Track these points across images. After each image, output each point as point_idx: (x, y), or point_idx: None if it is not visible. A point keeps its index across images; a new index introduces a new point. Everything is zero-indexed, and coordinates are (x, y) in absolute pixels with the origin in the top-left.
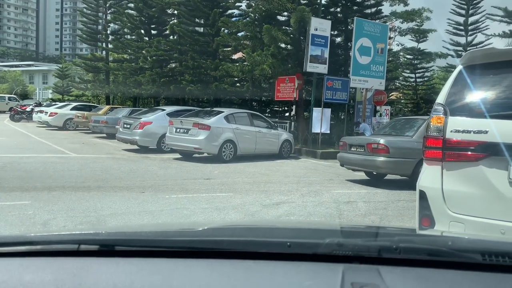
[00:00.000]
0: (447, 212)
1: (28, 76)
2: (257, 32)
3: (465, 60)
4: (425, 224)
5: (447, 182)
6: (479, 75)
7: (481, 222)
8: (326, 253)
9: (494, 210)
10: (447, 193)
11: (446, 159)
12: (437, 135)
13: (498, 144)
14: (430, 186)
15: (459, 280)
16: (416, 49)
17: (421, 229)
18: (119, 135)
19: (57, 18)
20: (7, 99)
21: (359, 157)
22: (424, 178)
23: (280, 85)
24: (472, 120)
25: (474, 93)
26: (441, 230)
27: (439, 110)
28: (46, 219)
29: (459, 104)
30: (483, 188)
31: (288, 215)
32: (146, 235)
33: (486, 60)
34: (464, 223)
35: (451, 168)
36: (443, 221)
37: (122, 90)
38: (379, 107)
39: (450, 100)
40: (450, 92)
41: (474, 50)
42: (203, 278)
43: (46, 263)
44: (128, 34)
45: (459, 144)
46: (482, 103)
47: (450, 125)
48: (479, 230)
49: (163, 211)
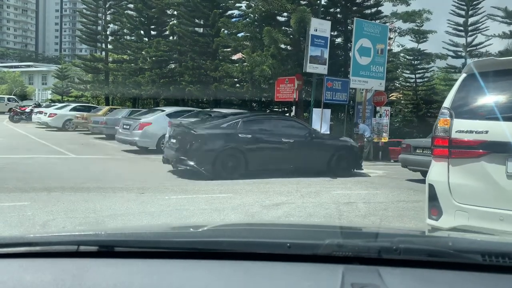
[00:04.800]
0: (453, 203)
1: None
2: (257, 33)
3: (468, 69)
4: (434, 214)
5: (452, 176)
6: (480, 82)
7: (483, 210)
8: (326, 254)
9: (494, 200)
10: (453, 186)
11: (452, 156)
12: (444, 135)
13: (497, 143)
14: (438, 180)
15: (459, 280)
16: (416, 49)
17: (431, 219)
18: (118, 136)
19: (57, 19)
20: (6, 100)
21: (426, 158)
22: (432, 173)
23: (280, 86)
24: (474, 122)
25: (476, 98)
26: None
27: (446, 113)
28: (45, 220)
29: (463, 108)
30: (484, 181)
31: (288, 216)
32: (145, 236)
33: (486, 69)
34: (468, 212)
35: (456, 164)
36: (449, 211)
37: (122, 91)
38: (379, 107)
39: (455, 105)
40: (455, 97)
41: (476, 60)
42: (202, 279)
43: (46, 264)
44: (128, 35)
45: (463, 143)
46: (483, 107)
47: (455, 126)
48: (481, 218)
49: (163, 212)
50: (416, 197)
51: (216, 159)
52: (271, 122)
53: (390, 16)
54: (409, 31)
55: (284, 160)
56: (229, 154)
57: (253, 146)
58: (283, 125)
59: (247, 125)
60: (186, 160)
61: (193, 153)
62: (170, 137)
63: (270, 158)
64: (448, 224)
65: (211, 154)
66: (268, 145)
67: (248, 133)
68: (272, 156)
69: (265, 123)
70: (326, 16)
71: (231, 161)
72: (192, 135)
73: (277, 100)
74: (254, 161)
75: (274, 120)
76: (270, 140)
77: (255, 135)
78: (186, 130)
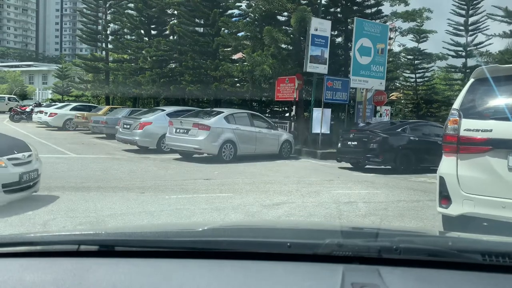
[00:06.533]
0: (461, 193)
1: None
2: (257, 32)
3: (476, 75)
4: (444, 203)
5: (460, 169)
6: (486, 86)
7: (487, 199)
8: (326, 253)
9: (497, 190)
10: (461, 178)
11: (460, 151)
12: (453, 133)
13: (500, 140)
14: (448, 173)
15: (459, 280)
16: (416, 49)
17: (441, 207)
18: (118, 136)
19: (57, 18)
20: (7, 100)
21: None
22: (442, 166)
23: (280, 85)
24: (480, 122)
25: (482, 100)
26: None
27: (455, 114)
28: (45, 219)
29: (470, 109)
30: (488, 173)
31: (288, 215)
32: (145, 236)
33: (492, 75)
34: (474, 201)
35: (464, 158)
36: (457, 200)
37: (122, 90)
38: (379, 107)
39: (463, 107)
40: (464, 100)
41: (482, 67)
42: (202, 279)
43: (46, 263)
44: (128, 35)
45: (470, 140)
46: (488, 109)
47: (463, 126)
48: (485, 206)
49: (163, 212)
50: (416, 197)
51: (396, 157)
52: (426, 127)
53: (391, 15)
54: (409, 30)
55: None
56: (404, 154)
57: (418, 146)
58: (435, 130)
59: (412, 130)
60: (373, 157)
61: (380, 152)
62: (350, 139)
63: (428, 155)
64: (456, 212)
65: (393, 153)
66: (426, 146)
67: (414, 136)
68: (430, 154)
69: (424, 128)
70: (327, 16)
71: (405, 159)
72: (381, 137)
73: (277, 100)
74: (418, 158)
75: (428, 125)
76: (428, 141)
77: (419, 137)
78: (372, 134)
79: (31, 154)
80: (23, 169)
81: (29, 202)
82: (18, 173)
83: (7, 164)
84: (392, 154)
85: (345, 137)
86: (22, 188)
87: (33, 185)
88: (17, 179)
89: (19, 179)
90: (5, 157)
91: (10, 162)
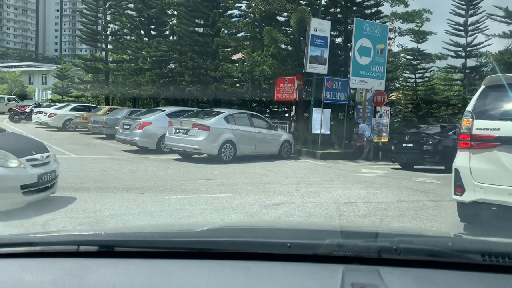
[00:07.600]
0: (473, 182)
1: (27, 76)
2: (257, 33)
3: (486, 82)
4: (458, 191)
5: (473, 162)
6: (495, 92)
7: (496, 187)
8: (326, 253)
9: (504, 179)
10: (473, 169)
11: (473, 147)
12: (466, 132)
13: (507, 137)
14: (462, 166)
15: (459, 280)
16: (416, 49)
17: (456, 195)
18: (118, 136)
19: (57, 18)
20: (6, 100)
21: None
22: (457, 160)
23: (280, 86)
24: (490, 122)
25: (492, 104)
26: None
27: (468, 115)
28: (45, 220)
29: (481, 112)
30: (497, 166)
31: (288, 216)
32: (145, 236)
33: (499, 82)
34: (484, 189)
35: (475, 153)
36: (470, 188)
37: (122, 90)
38: (379, 107)
39: (476, 110)
40: (476, 103)
41: (492, 75)
42: (202, 279)
43: (46, 264)
44: (128, 35)
45: (481, 137)
46: (497, 111)
47: (476, 125)
48: (494, 193)
49: (163, 212)
50: (416, 197)
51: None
52: None
53: (390, 16)
54: (409, 31)
55: None
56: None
57: None
58: None
59: None
60: (430, 157)
61: (436, 153)
62: (405, 142)
63: None
64: (469, 198)
65: (447, 153)
66: None
67: None
68: None
69: None
70: (326, 16)
71: None
72: (436, 140)
73: (277, 100)
74: None
75: None
76: None
77: None
78: (427, 136)
79: (49, 155)
80: (41, 170)
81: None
82: (36, 174)
83: (26, 165)
84: (446, 155)
85: (400, 139)
86: (40, 189)
87: (51, 186)
88: (36, 180)
89: (37, 180)
90: (24, 158)
91: (28, 163)
